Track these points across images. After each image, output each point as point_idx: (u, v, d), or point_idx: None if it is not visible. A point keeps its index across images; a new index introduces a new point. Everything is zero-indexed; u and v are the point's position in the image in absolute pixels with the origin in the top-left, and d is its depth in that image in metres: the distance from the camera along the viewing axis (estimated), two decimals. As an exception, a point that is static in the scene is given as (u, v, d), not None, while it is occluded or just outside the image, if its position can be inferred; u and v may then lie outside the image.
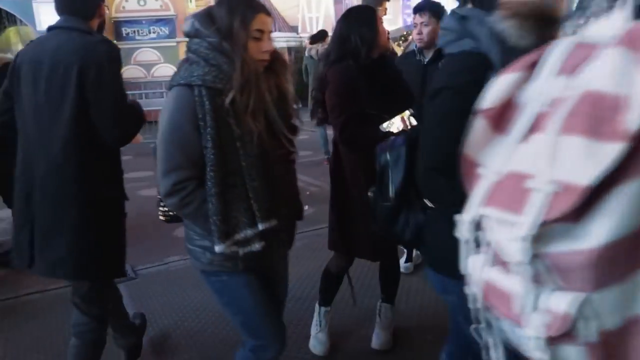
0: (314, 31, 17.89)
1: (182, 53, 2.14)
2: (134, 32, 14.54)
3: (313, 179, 6.03)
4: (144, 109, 2.19)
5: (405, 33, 14.44)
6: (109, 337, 2.34)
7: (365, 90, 2.21)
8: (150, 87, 13.64)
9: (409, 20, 18.07)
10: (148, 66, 14.54)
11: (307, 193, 5.33)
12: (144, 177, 5.88)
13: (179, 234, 2.36)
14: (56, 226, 1.88)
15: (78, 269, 1.95)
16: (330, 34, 5.92)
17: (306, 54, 7.87)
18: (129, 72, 14.37)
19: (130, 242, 2.17)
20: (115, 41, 14.34)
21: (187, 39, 1.68)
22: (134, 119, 2.05)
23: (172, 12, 14.55)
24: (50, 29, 1.95)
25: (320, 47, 7.34)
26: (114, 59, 1.96)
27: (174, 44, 14.55)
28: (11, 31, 14.67)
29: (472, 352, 1.19)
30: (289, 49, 16.72)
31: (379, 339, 2.75)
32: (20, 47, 14.99)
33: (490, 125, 0.95)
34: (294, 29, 17.33)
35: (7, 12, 12.90)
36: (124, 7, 14.38)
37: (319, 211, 3.88)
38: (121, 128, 1.94)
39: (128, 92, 2.08)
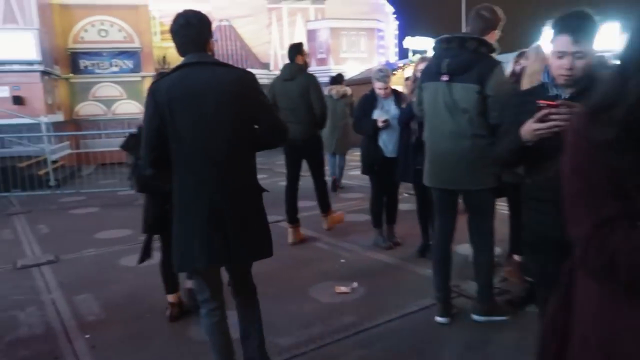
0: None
1: (146, 88, 2.38)
2: (93, 65, 13.29)
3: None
4: (102, 149, 2.77)
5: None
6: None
7: None
8: (110, 125, 12.35)
9: (382, 59, 17.82)
10: (108, 102, 13.28)
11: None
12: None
13: None
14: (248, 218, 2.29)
15: (268, 248, 2.40)
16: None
17: (326, 92, 7.41)
18: (85, 108, 13.09)
19: None
20: (71, 74, 13.34)
21: (152, 74, 1.45)
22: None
23: (137, 44, 13.46)
24: (185, 65, 2.23)
25: (340, 89, 8.13)
26: (258, 81, 2.34)
27: (139, 78, 13.40)
28: None
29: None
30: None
31: None
32: None
33: None
34: (265, 65, 16.58)
35: None
36: (82, 38, 13.15)
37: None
38: (282, 130, 2.42)
39: (85, 132, 2.42)
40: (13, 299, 3.81)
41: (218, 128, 2.19)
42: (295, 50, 4.97)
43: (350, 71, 16.30)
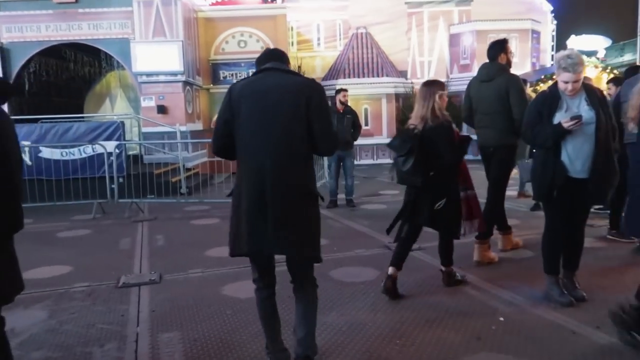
0: (425, 76, 16.17)
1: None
2: (232, 75, 13.51)
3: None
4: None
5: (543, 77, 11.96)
6: None
7: None
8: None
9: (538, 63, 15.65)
10: (244, 112, 13.37)
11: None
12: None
13: None
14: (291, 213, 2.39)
15: (312, 250, 2.49)
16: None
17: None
18: (223, 117, 13.32)
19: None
20: (211, 84, 13.73)
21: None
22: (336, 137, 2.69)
23: (272, 54, 13.39)
24: (264, 70, 2.49)
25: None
26: (324, 92, 2.53)
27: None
28: (112, 76, 14.34)
29: None
30: (397, 95, 14.91)
31: None
32: (119, 91, 15.12)
33: None
34: (402, 73, 15.51)
35: (105, 55, 12.37)
36: (223, 49, 13.45)
37: None
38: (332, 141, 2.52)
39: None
40: (98, 329, 3.28)
41: (275, 123, 2.37)
42: (499, 47, 4.44)
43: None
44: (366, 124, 14.27)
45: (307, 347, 2.51)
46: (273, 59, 2.50)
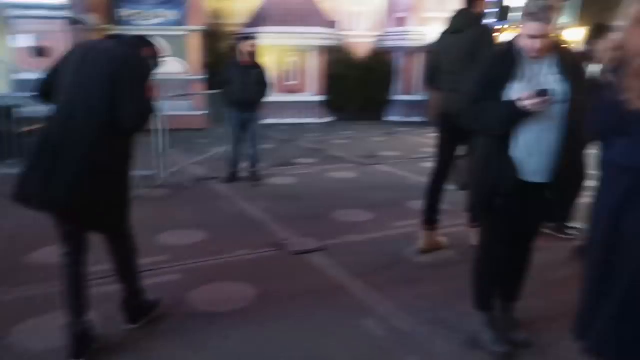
0: (358, 28, 14.88)
1: (193, 46, 3.66)
2: (135, 14, 11.53)
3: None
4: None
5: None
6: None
7: None
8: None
9: None
10: (149, 59, 11.52)
11: None
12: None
13: None
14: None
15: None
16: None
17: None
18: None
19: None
20: (109, 25, 11.70)
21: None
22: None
23: (183, -8, 11.50)
24: None
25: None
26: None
27: (185, 32, 11.51)
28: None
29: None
30: (326, 47, 13.54)
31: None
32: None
33: None
34: (331, 24, 14.09)
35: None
36: (122, -18, 11.37)
37: None
38: None
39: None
40: None
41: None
42: None
43: (433, 34, 13.49)
44: (292, 79, 12.94)
45: None
46: None
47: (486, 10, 3.79)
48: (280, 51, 12.48)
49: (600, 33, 3.72)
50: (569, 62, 2.16)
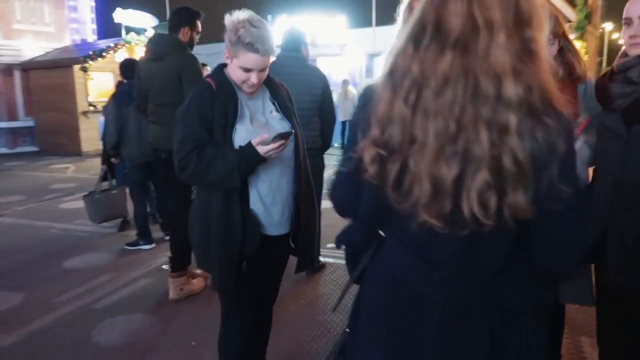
0: None
1: None
2: None
3: None
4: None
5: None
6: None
7: None
8: None
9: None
10: None
11: None
12: None
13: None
14: None
15: None
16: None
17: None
18: None
19: None
20: None
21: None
22: None
23: None
24: None
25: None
26: None
27: None
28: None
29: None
30: None
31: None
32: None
33: None
34: None
35: None
36: None
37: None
38: None
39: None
40: None
41: None
42: (185, 18, 3.31)
43: (29, 50, 11.61)
44: None
45: None
46: None
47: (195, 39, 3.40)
48: None
49: None
50: (282, 94, 1.98)
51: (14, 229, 5.30)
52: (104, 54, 10.96)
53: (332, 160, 2.42)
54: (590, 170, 1.72)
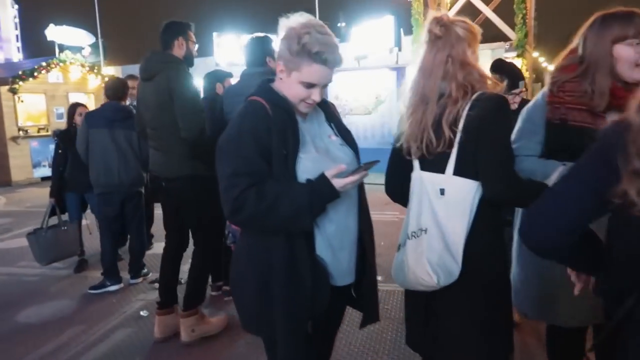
0: None
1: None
2: None
3: None
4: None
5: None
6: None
7: None
8: None
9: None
10: None
11: None
12: None
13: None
14: None
15: None
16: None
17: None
18: None
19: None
20: None
21: None
22: None
23: None
24: None
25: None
26: None
27: None
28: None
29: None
30: None
31: None
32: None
33: None
34: None
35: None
36: None
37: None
38: None
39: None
40: None
41: None
42: (177, 30, 2.94)
43: None
44: None
45: None
46: None
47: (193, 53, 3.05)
48: None
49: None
50: (336, 116, 1.67)
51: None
52: (35, 74, 10.04)
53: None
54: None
